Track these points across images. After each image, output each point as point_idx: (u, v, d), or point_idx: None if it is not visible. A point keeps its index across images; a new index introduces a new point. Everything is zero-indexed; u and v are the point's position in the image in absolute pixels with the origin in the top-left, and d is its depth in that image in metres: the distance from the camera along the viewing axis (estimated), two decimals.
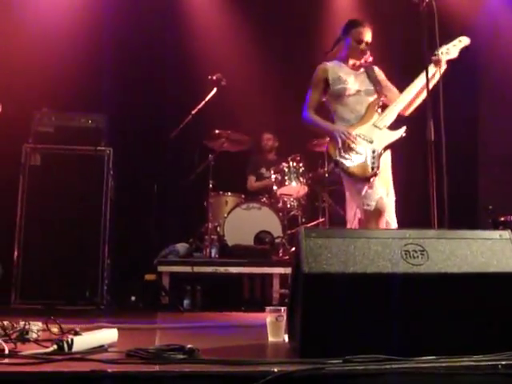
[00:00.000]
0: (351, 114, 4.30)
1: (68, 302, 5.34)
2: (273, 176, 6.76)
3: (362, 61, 4.44)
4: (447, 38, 4.29)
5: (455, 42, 4.30)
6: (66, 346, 2.39)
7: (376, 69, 4.50)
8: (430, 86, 3.94)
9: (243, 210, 6.35)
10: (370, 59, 4.44)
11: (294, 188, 6.70)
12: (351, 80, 4.34)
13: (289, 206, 6.82)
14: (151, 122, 7.07)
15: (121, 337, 2.77)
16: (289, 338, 2.82)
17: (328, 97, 4.41)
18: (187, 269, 5.84)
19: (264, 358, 2.67)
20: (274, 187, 6.75)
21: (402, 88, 4.37)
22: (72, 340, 2.42)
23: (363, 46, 4.37)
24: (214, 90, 6.39)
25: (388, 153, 4.25)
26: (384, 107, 4.34)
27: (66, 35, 6.62)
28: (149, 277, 5.88)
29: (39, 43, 6.52)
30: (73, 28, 6.67)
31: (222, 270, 5.88)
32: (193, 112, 6.33)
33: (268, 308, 3.05)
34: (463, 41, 4.32)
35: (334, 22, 7.83)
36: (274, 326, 2.97)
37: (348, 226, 4.29)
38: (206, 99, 6.39)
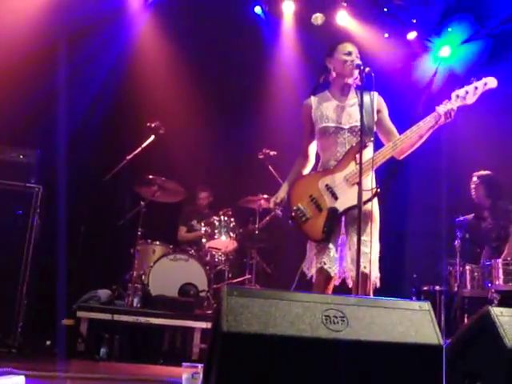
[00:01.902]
0: (331, 157, 3.84)
1: None
2: (203, 228, 6.75)
3: (352, 83, 3.90)
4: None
5: (479, 83, 3.74)
6: None
7: (376, 98, 3.89)
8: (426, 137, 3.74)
9: (170, 261, 6.28)
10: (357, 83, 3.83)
11: (223, 242, 6.69)
12: (335, 116, 3.85)
13: (216, 259, 6.80)
14: (85, 162, 6.98)
15: None
16: None
17: (316, 134, 3.95)
18: (107, 316, 5.68)
19: None
20: (203, 240, 6.74)
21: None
22: None
23: (353, 57, 3.83)
24: (152, 137, 6.38)
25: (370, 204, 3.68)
26: (378, 145, 3.79)
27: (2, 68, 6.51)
28: (66, 321, 5.70)
29: None
30: (9, 61, 6.56)
31: (142, 320, 5.75)
32: (128, 157, 6.28)
33: (185, 364, 2.99)
34: (489, 83, 3.76)
35: (274, 78, 8.01)
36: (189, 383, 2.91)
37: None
38: (143, 146, 6.36)
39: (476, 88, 3.72)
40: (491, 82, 3.75)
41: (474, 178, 6.55)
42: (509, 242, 6.18)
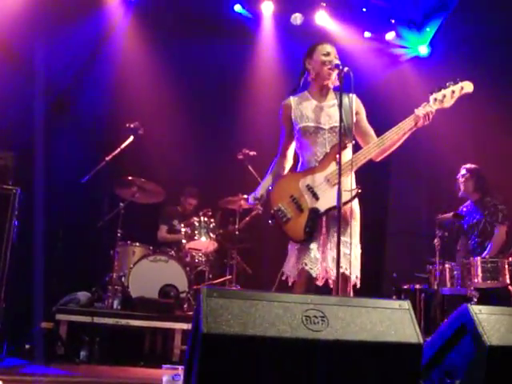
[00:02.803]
0: (312, 157, 3.81)
1: None
2: (183, 229, 6.72)
3: (331, 84, 3.87)
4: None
5: (456, 87, 3.78)
6: None
7: (355, 100, 3.89)
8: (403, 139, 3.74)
9: (150, 262, 6.23)
10: (337, 83, 3.79)
11: (204, 243, 6.67)
12: (315, 116, 3.83)
13: (197, 260, 6.78)
14: (63, 163, 6.91)
15: None
16: None
17: (296, 133, 3.91)
18: (87, 319, 5.64)
19: None
20: (183, 241, 6.71)
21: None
22: None
23: (331, 57, 3.81)
24: (131, 137, 6.34)
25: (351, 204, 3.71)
26: (356, 147, 3.78)
27: None
28: (45, 325, 5.65)
29: None
30: None
31: (123, 322, 5.71)
32: (107, 158, 6.23)
33: (165, 366, 2.97)
34: (465, 88, 3.79)
35: (254, 78, 8.00)
36: None
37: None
38: (122, 146, 6.31)
39: (453, 92, 3.76)
40: (467, 87, 3.79)
41: (463, 171, 6.43)
42: (493, 240, 6.20)
